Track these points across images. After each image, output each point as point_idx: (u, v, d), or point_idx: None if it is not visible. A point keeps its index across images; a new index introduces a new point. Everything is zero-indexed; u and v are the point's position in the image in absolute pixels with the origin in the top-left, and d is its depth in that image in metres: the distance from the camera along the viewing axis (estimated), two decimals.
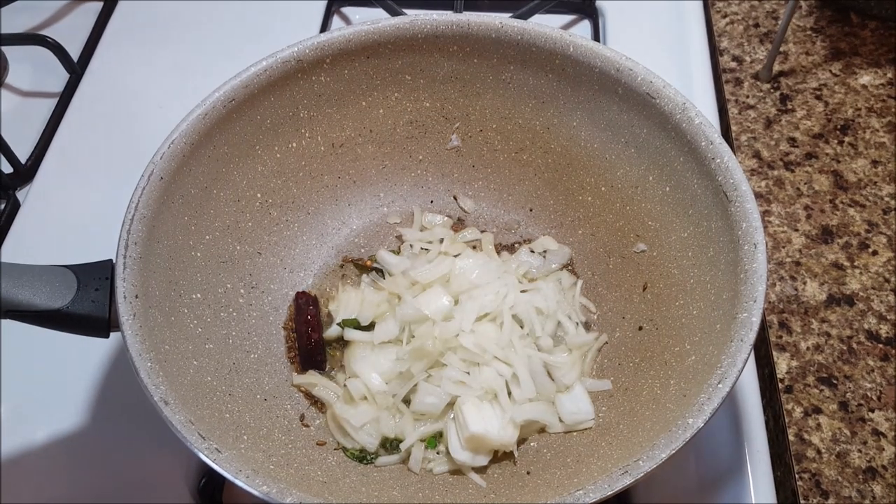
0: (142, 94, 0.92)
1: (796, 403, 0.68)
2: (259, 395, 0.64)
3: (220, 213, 0.68)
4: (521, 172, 0.76)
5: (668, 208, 0.66)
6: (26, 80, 0.96)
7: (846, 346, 0.71)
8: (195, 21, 0.99)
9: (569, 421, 0.64)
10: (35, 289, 0.55)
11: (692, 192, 0.63)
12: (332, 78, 0.70)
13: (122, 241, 0.57)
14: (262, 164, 0.70)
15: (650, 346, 0.66)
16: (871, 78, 0.89)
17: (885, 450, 0.65)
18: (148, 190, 0.59)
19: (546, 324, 0.69)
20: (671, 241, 0.66)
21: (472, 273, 0.71)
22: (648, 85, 0.64)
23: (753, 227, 0.56)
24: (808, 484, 0.64)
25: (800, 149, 0.84)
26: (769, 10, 0.98)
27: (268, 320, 0.70)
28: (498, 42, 0.68)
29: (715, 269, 0.60)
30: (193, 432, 0.51)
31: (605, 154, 0.70)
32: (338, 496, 0.57)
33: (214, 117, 0.64)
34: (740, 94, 0.90)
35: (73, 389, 0.71)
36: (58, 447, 0.68)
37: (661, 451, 0.49)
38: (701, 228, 0.62)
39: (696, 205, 0.63)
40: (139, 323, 0.55)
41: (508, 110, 0.74)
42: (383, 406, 0.65)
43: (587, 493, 0.48)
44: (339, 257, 0.76)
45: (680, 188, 0.64)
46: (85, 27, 1.01)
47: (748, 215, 0.57)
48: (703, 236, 0.62)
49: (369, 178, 0.77)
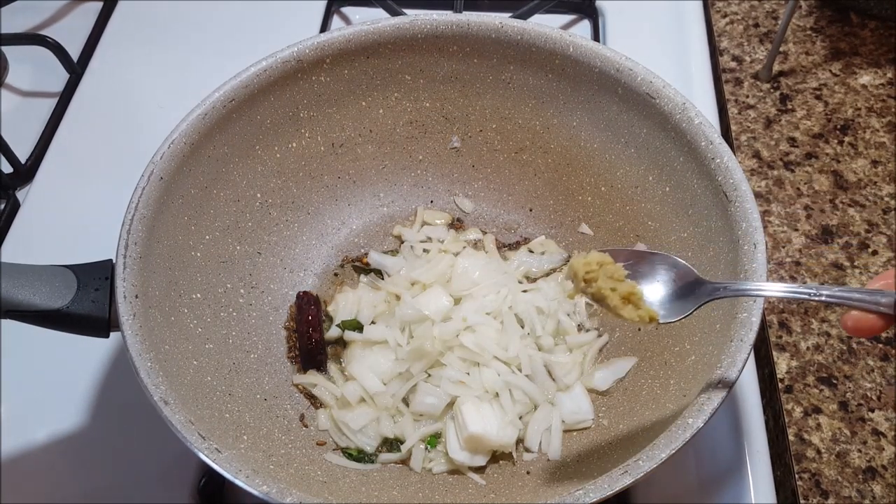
0: (142, 94, 0.92)
1: (796, 403, 0.68)
2: (259, 395, 0.64)
3: (220, 213, 0.68)
4: (521, 172, 0.76)
5: (668, 208, 0.66)
6: (26, 80, 0.96)
7: (846, 346, 0.71)
8: (195, 21, 0.99)
9: (569, 420, 0.64)
10: (35, 289, 0.55)
11: (692, 192, 0.63)
12: (332, 78, 0.70)
13: (122, 241, 0.57)
14: (262, 164, 0.70)
15: (650, 346, 0.66)
16: (871, 78, 0.89)
17: (884, 450, 0.65)
18: (148, 190, 0.59)
19: (547, 323, 0.69)
20: (671, 241, 0.66)
21: (473, 273, 0.71)
22: (648, 85, 0.64)
23: (753, 227, 0.56)
24: (808, 484, 0.64)
25: (800, 149, 0.84)
26: (769, 10, 0.98)
27: (268, 320, 0.70)
28: (498, 42, 0.68)
29: (715, 269, 0.60)
30: (193, 432, 0.51)
31: (605, 154, 0.70)
32: (338, 496, 0.57)
33: (214, 117, 0.64)
34: (740, 94, 0.90)
35: (73, 389, 0.71)
36: (58, 447, 0.68)
37: (661, 451, 0.49)
38: (701, 228, 0.62)
39: (696, 205, 0.63)
40: (139, 323, 0.55)
41: (508, 110, 0.74)
42: (382, 407, 0.65)
43: (587, 493, 0.48)
44: (339, 257, 0.76)
45: (680, 188, 0.64)
46: (85, 27, 1.01)
47: (748, 215, 0.57)
48: (703, 236, 0.62)
49: (369, 178, 0.77)
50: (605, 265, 0.52)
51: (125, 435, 0.68)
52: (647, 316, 0.52)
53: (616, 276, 0.52)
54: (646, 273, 0.54)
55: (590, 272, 0.52)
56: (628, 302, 0.52)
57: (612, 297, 0.52)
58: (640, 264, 0.54)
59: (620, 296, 0.52)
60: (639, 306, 0.52)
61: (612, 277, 0.52)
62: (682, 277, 0.53)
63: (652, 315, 0.52)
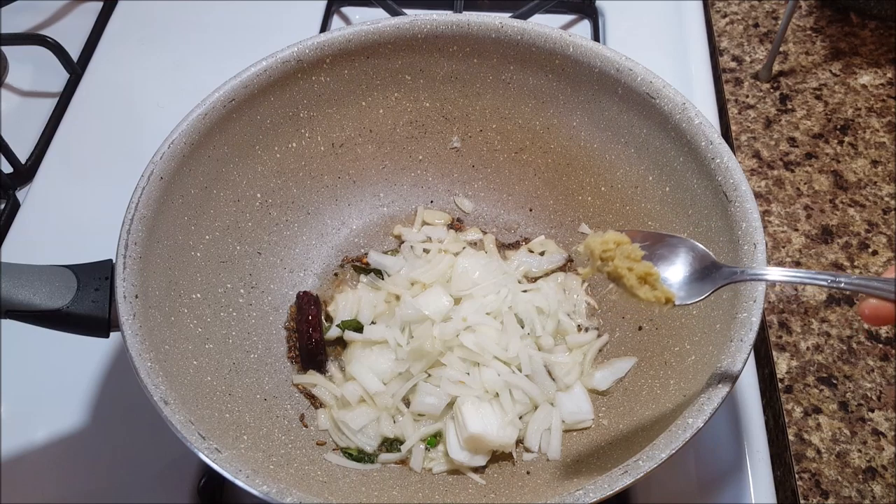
0: (142, 94, 0.92)
1: (796, 403, 0.68)
2: (259, 395, 0.64)
3: (220, 213, 0.68)
4: (521, 172, 0.76)
5: (668, 208, 0.66)
6: (26, 80, 0.96)
7: (846, 345, 0.71)
8: (195, 21, 0.99)
9: (569, 420, 0.64)
10: (35, 289, 0.55)
11: (692, 192, 0.63)
12: (332, 78, 0.70)
13: (122, 241, 0.57)
14: (262, 164, 0.70)
15: (650, 345, 0.66)
16: (871, 78, 0.89)
17: (884, 450, 0.65)
18: (148, 190, 0.59)
19: (547, 323, 0.69)
20: None
21: (473, 273, 0.71)
22: (648, 85, 0.64)
23: (753, 227, 0.56)
24: (808, 484, 0.64)
25: (800, 149, 0.84)
26: (769, 10, 0.98)
27: (268, 320, 0.70)
28: (498, 42, 0.69)
29: None
30: (193, 432, 0.51)
31: (605, 154, 0.70)
32: (338, 496, 0.57)
33: (214, 117, 0.64)
34: (740, 94, 0.90)
35: (73, 389, 0.71)
36: (58, 447, 0.68)
37: (661, 451, 0.49)
38: (701, 228, 0.62)
39: (696, 205, 0.63)
40: (139, 323, 0.55)
41: (508, 110, 0.74)
42: (382, 407, 0.65)
43: (587, 493, 0.48)
44: (339, 257, 0.76)
45: (680, 188, 0.64)
46: (85, 27, 1.01)
47: (748, 215, 0.57)
48: (703, 236, 0.62)
49: (369, 178, 0.77)
50: (621, 245, 0.52)
51: (125, 435, 0.68)
52: (664, 297, 0.51)
53: (633, 256, 0.51)
54: (663, 255, 0.53)
55: (607, 251, 0.51)
56: (645, 282, 0.51)
57: (629, 276, 0.51)
58: (657, 246, 0.53)
59: (637, 276, 0.51)
60: (655, 287, 0.51)
61: (628, 257, 0.51)
62: (699, 260, 0.52)
63: (669, 296, 0.51)
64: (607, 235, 0.52)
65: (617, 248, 0.52)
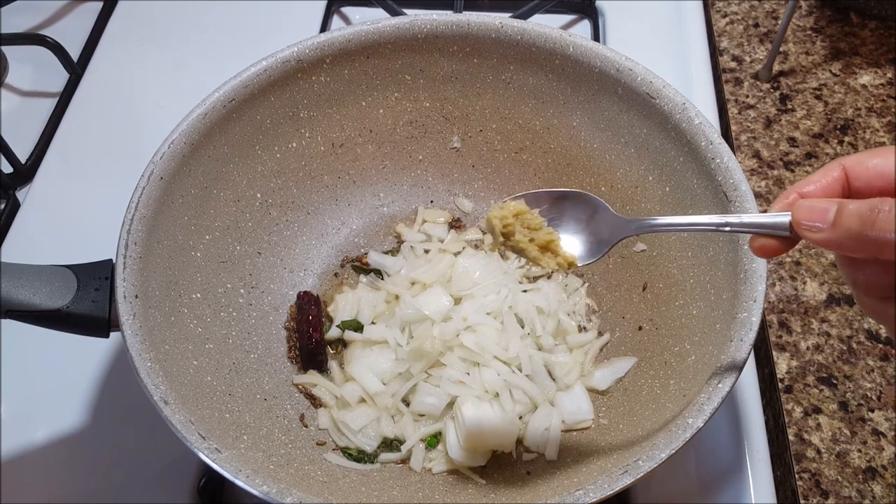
0: (142, 94, 0.92)
1: (796, 403, 0.68)
2: (259, 395, 0.64)
3: (220, 213, 0.68)
4: (521, 172, 0.76)
5: (668, 208, 0.66)
6: (26, 80, 0.96)
7: (846, 345, 0.71)
8: (195, 21, 0.99)
9: (569, 420, 0.64)
10: (35, 289, 0.55)
11: (692, 192, 0.63)
12: (332, 78, 0.70)
13: (122, 241, 0.57)
14: (262, 164, 0.70)
15: (650, 345, 0.66)
16: (871, 78, 0.89)
17: (884, 450, 0.65)
18: (148, 190, 0.59)
19: (547, 323, 0.69)
20: (671, 241, 0.66)
21: (473, 273, 0.71)
22: (648, 85, 0.64)
23: None
24: (808, 484, 0.64)
25: (800, 149, 0.84)
26: (769, 9, 0.98)
27: (268, 320, 0.70)
28: (498, 42, 0.68)
29: (715, 268, 0.60)
30: (193, 432, 0.51)
31: (605, 154, 0.70)
32: (338, 496, 0.57)
33: (214, 117, 0.64)
34: (740, 94, 0.90)
35: (73, 389, 0.71)
36: (58, 447, 0.68)
37: (661, 451, 0.49)
38: None
39: (696, 205, 0.63)
40: (139, 323, 0.55)
41: (508, 110, 0.74)
42: (382, 407, 0.65)
43: (587, 493, 0.48)
44: (339, 257, 0.76)
45: (680, 188, 0.64)
46: (85, 27, 1.01)
47: None
48: (703, 236, 0.62)
49: (369, 178, 0.77)
50: (521, 215, 0.52)
51: (125, 435, 0.68)
52: (566, 262, 0.51)
53: (533, 225, 0.52)
54: (564, 216, 0.54)
55: (507, 226, 0.51)
56: (547, 249, 0.52)
57: (531, 248, 0.51)
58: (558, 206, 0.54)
59: (538, 246, 0.51)
60: (556, 253, 0.52)
61: (529, 227, 0.52)
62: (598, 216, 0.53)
63: (570, 260, 0.52)
64: (505, 207, 0.52)
65: (517, 218, 0.52)
